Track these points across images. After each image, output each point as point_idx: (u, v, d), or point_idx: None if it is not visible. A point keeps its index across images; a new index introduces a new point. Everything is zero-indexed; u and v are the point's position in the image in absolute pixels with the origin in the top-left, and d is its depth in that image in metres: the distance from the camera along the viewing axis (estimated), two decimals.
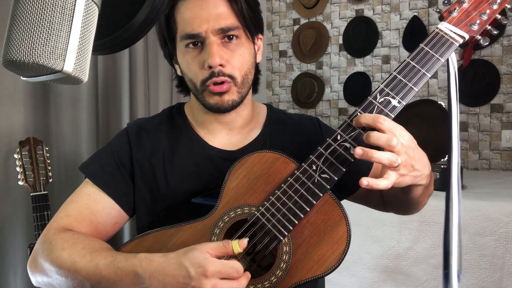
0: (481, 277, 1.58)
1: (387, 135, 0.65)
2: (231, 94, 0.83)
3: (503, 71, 2.68)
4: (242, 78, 0.84)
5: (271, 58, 3.50)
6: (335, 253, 0.71)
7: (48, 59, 0.35)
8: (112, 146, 0.90)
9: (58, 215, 0.83)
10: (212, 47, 0.79)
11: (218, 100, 0.83)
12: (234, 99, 0.84)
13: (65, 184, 1.79)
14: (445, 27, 0.73)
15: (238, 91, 0.84)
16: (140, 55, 2.13)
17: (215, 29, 0.79)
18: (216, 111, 0.86)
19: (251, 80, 0.88)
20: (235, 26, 0.81)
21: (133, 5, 0.46)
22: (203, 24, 0.79)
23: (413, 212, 0.91)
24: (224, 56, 0.80)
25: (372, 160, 0.65)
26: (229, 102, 0.83)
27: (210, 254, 0.66)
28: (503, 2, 0.74)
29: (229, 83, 0.82)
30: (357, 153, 0.65)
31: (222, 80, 0.81)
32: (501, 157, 2.71)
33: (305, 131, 0.95)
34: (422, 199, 0.84)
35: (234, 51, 0.82)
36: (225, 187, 0.77)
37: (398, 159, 0.65)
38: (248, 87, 0.87)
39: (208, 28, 0.79)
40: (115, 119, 2.06)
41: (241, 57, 0.83)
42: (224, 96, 0.83)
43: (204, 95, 0.84)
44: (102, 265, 0.70)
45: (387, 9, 3.03)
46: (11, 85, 1.58)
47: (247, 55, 0.84)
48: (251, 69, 0.87)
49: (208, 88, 0.82)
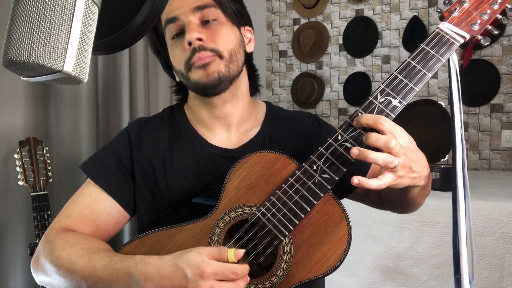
0: (481, 277, 1.58)
1: (386, 137, 0.65)
2: (216, 65, 0.82)
3: (503, 71, 2.68)
4: (229, 53, 0.83)
5: (271, 58, 3.50)
6: (336, 253, 0.71)
7: (48, 59, 0.35)
8: (112, 145, 0.90)
9: (60, 216, 0.83)
10: (189, 25, 0.81)
11: (203, 74, 0.81)
12: (220, 70, 0.82)
13: (65, 184, 1.79)
14: (446, 27, 0.73)
15: (225, 64, 0.83)
16: (140, 55, 2.13)
17: (191, 8, 0.81)
18: (204, 89, 0.84)
19: (240, 61, 0.87)
20: (211, 4, 0.82)
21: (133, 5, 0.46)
22: (181, 7, 0.81)
23: (410, 212, 0.92)
24: (203, 33, 0.81)
25: (368, 161, 0.65)
26: (215, 74, 0.81)
27: (207, 256, 0.65)
28: (504, 2, 0.74)
29: (212, 56, 0.81)
30: (353, 153, 0.66)
31: (204, 55, 0.81)
32: (501, 157, 2.71)
33: (305, 128, 0.95)
34: (419, 199, 0.84)
35: (215, 31, 0.83)
36: (225, 187, 0.77)
37: (394, 161, 0.65)
38: (237, 67, 0.86)
39: (185, 9, 0.81)
40: (115, 119, 2.06)
41: (223, 35, 0.83)
42: (208, 68, 0.81)
43: (190, 76, 0.83)
44: (99, 266, 0.70)
45: (387, 9, 3.03)
46: (11, 85, 1.58)
47: (231, 34, 0.85)
48: (239, 49, 0.86)
49: (192, 66, 0.82)
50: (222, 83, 0.83)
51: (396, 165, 0.65)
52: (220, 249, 0.67)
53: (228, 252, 0.66)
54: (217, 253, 0.66)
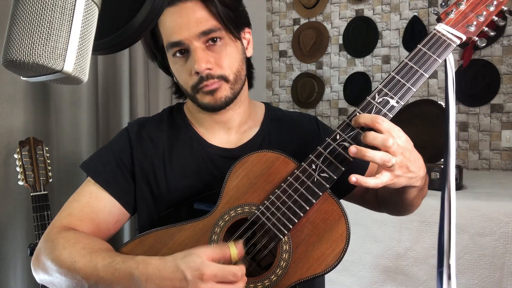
0: (481, 277, 1.59)
1: (383, 136, 0.65)
2: (223, 91, 0.83)
3: (503, 71, 2.68)
4: (235, 76, 0.84)
5: (271, 58, 3.50)
6: (335, 251, 0.71)
7: (48, 59, 0.35)
8: (113, 144, 0.91)
9: (60, 214, 0.83)
10: (196, 53, 0.80)
11: (211, 99, 0.84)
12: (227, 95, 0.84)
13: (65, 184, 1.79)
14: (443, 28, 0.74)
15: (231, 87, 0.84)
16: (140, 55, 2.13)
17: (196, 34, 0.79)
18: (212, 110, 0.86)
19: (244, 76, 0.88)
20: (217, 28, 0.80)
21: (133, 5, 0.46)
22: (183, 31, 0.79)
23: (406, 214, 0.92)
24: (210, 60, 0.81)
25: (366, 159, 0.66)
26: (222, 99, 0.84)
27: (207, 258, 0.65)
28: (500, 4, 0.75)
29: (218, 82, 0.82)
30: (351, 151, 0.66)
31: (212, 82, 0.82)
32: (501, 157, 2.71)
33: (304, 129, 0.96)
34: (416, 200, 0.84)
35: (220, 53, 0.82)
36: (225, 186, 0.77)
37: (392, 159, 0.65)
38: (241, 83, 0.87)
39: (189, 34, 0.79)
40: (115, 119, 2.06)
41: (228, 57, 0.83)
42: (216, 94, 0.83)
43: (197, 97, 0.85)
44: (100, 266, 0.70)
45: (387, 9, 3.03)
46: (11, 85, 1.58)
47: (234, 53, 0.84)
48: (242, 65, 0.87)
49: (200, 90, 0.83)
50: (229, 104, 0.86)
51: (393, 164, 0.66)
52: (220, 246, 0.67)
53: (230, 248, 0.67)
54: (219, 252, 0.66)
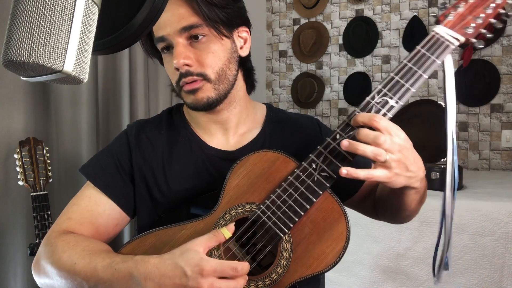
0: (481, 277, 1.59)
1: (375, 133, 0.66)
2: (205, 91, 0.82)
3: (503, 71, 2.68)
4: (217, 75, 0.82)
5: (271, 58, 3.50)
6: (335, 250, 0.71)
7: (48, 59, 0.35)
8: (112, 147, 0.91)
9: (60, 218, 0.84)
10: (176, 48, 0.80)
11: (193, 99, 0.83)
12: (210, 95, 0.83)
13: (65, 184, 1.79)
14: (441, 30, 0.75)
15: (214, 87, 0.83)
16: (140, 55, 2.13)
17: (177, 30, 0.79)
18: (195, 110, 0.86)
19: (231, 76, 0.85)
20: (198, 24, 0.79)
21: (133, 5, 0.46)
22: (167, 26, 0.79)
23: (403, 221, 0.91)
24: (190, 56, 0.80)
25: (357, 153, 0.67)
26: (204, 100, 0.83)
27: (204, 249, 0.67)
28: (497, 7, 0.76)
29: (200, 81, 0.81)
30: (343, 144, 0.68)
31: (191, 79, 0.81)
32: (501, 157, 2.71)
33: (305, 130, 0.95)
34: (414, 205, 0.83)
35: (202, 50, 0.81)
36: (226, 186, 0.77)
37: (383, 153, 0.66)
38: (228, 84, 0.85)
39: (171, 29, 0.79)
40: (115, 119, 2.06)
41: (211, 55, 0.81)
42: (197, 94, 0.82)
43: (182, 95, 0.85)
44: (100, 267, 0.71)
45: (387, 9, 3.03)
46: (11, 85, 1.58)
47: (219, 52, 0.82)
48: (229, 64, 0.84)
49: (182, 88, 0.83)
50: (213, 104, 0.84)
51: (387, 160, 0.66)
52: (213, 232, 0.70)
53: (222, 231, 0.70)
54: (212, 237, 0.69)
